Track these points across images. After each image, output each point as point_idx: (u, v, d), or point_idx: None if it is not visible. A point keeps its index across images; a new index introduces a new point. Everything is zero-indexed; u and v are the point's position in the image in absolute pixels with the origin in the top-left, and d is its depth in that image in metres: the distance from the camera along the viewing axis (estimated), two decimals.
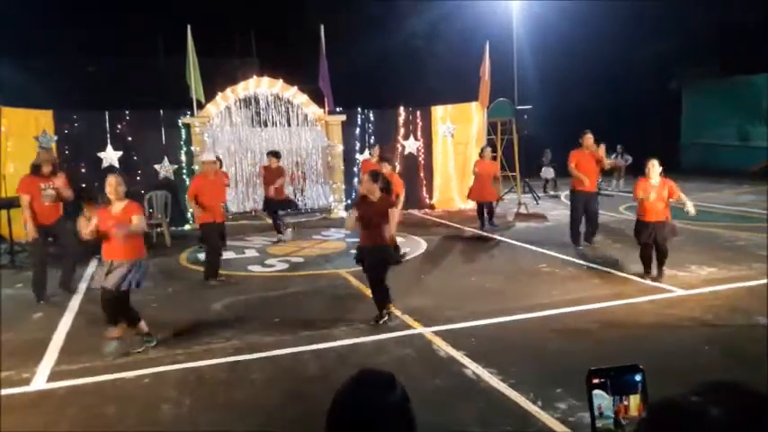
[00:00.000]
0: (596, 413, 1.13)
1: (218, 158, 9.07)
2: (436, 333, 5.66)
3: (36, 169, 7.18)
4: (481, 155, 11.55)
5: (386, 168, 7.79)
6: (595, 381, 1.13)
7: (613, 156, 15.88)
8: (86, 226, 5.29)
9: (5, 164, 10.45)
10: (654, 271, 7.32)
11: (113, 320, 5.50)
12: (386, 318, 5.97)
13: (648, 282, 7.14)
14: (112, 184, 5.40)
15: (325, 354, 5.28)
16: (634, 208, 7.91)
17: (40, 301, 7.09)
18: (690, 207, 7.08)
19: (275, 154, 10.58)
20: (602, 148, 9.45)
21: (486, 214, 11.40)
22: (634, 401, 1.13)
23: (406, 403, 1.26)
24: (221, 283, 7.73)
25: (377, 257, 5.90)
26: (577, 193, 9.31)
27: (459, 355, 5.09)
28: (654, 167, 7.12)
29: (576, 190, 9.32)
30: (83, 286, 7.72)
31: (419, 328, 5.82)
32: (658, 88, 22.11)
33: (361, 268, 6.25)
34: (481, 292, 7.12)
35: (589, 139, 9.21)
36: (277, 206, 10.47)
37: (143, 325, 5.54)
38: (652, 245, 7.21)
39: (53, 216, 7.27)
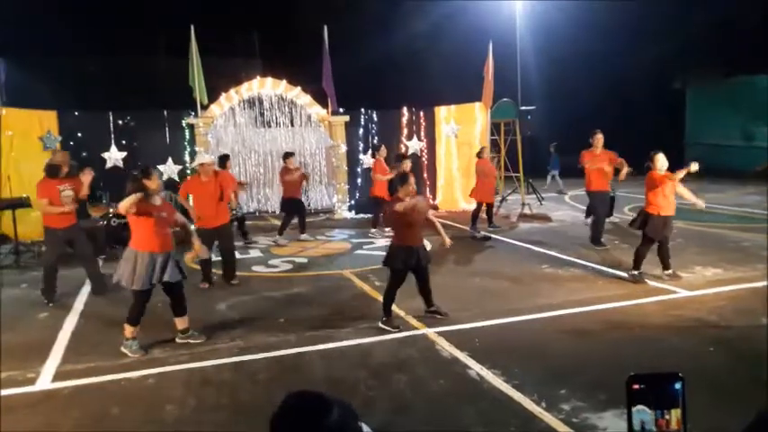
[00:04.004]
0: (638, 428, 1.09)
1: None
2: (440, 334, 5.66)
3: (52, 171, 6.90)
4: (481, 155, 11.22)
5: (407, 166, 8.81)
6: (635, 387, 1.09)
7: None
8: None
9: (10, 165, 10.46)
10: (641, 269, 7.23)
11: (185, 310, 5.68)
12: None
13: (653, 283, 7.11)
14: (157, 180, 5.54)
15: (330, 354, 5.29)
16: (637, 209, 7.83)
17: (50, 303, 6.99)
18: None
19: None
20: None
21: (484, 215, 11.08)
22: (675, 416, 1.09)
23: (349, 423, 1.22)
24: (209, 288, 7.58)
25: (425, 255, 6.01)
26: (597, 193, 9.29)
27: (462, 356, 5.09)
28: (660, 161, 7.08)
29: (594, 190, 9.29)
30: (86, 289, 7.63)
31: (423, 329, 5.82)
32: (662, 89, 22.07)
33: (383, 267, 6.07)
34: (485, 292, 7.12)
35: (599, 139, 9.18)
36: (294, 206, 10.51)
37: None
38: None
39: (68, 220, 7.01)
